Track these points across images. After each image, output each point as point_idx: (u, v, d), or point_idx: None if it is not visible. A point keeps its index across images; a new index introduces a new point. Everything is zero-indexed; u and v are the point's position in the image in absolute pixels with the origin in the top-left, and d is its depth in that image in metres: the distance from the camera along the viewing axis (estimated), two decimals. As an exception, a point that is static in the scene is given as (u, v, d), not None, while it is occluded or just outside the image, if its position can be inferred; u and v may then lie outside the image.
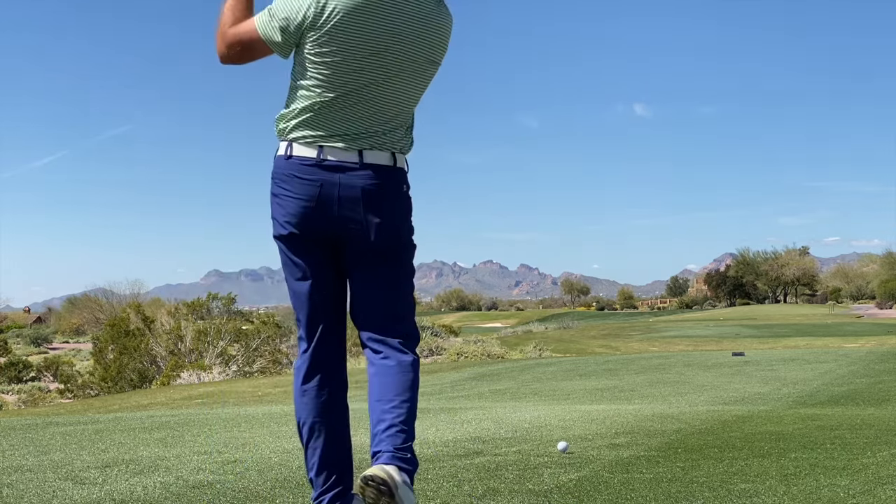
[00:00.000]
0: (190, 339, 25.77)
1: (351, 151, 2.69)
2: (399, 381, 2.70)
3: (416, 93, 2.77)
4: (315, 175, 2.68)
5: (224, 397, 13.65)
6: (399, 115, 2.75)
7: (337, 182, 2.67)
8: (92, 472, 4.22)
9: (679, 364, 14.81)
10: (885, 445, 4.43)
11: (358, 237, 2.70)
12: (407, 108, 2.76)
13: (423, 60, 2.73)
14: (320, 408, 2.78)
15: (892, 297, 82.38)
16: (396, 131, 2.75)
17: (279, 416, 7.67)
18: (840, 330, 44.97)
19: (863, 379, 11.01)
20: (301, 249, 2.76)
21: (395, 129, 2.75)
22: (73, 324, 75.90)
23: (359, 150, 2.69)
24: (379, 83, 2.67)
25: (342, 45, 2.63)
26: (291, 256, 2.78)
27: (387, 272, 2.77)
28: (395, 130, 2.75)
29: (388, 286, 2.78)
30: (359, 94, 2.67)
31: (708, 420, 6.20)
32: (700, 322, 62.12)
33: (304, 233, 2.73)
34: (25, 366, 40.04)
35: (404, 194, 2.78)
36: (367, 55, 2.64)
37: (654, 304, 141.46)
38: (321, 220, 2.69)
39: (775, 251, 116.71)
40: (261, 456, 4.70)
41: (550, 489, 3.43)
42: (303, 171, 2.69)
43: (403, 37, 2.66)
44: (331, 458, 2.76)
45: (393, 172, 2.73)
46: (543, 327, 62.53)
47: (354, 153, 2.69)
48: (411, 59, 2.69)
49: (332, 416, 2.79)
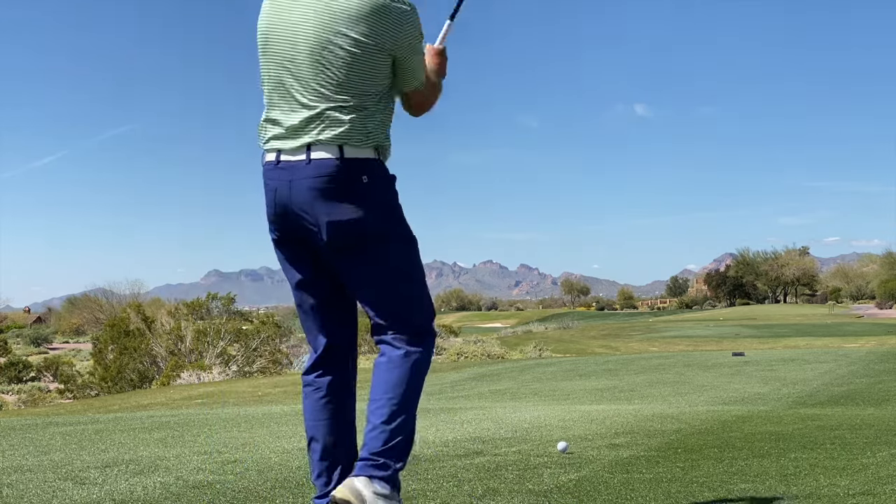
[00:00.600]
0: (190, 339, 25.78)
1: (300, 150, 2.65)
2: (385, 379, 2.67)
3: (347, 75, 2.62)
4: (272, 178, 2.68)
5: (224, 397, 13.65)
6: (334, 104, 2.63)
7: (288, 183, 2.64)
8: (92, 472, 4.22)
9: (679, 364, 14.81)
10: (885, 445, 4.43)
11: (318, 238, 2.65)
12: (343, 93, 2.63)
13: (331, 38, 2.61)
14: (320, 410, 2.77)
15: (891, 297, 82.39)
16: (341, 121, 2.62)
17: (279, 416, 7.67)
18: (840, 330, 44.98)
19: (863, 379, 11.02)
20: (287, 253, 2.76)
21: (339, 119, 2.62)
22: (73, 324, 75.93)
23: (307, 147, 2.64)
24: (300, 73, 2.65)
25: (264, 37, 2.72)
26: (282, 261, 2.80)
27: (364, 270, 2.68)
28: (339, 121, 2.62)
29: (369, 284, 2.70)
30: (288, 87, 2.67)
31: (708, 420, 6.20)
32: (700, 322, 62.14)
33: (282, 237, 2.73)
34: (25, 366, 40.07)
35: (365, 185, 2.63)
36: (280, 39, 2.68)
37: (654, 304, 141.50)
38: (287, 224, 2.68)
39: (775, 251, 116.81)
40: (261, 456, 4.70)
41: (550, 489, 3.43)
42: (267, 177, 2.70)
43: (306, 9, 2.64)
44: (330, 460, 2.74)
45: (343, 165, 2.62)
46: (543, 327, 62.56)
47: (303, 151, 2.64)
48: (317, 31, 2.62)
49: (332, 418, 2.77)
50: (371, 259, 2.66)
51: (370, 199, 2.64)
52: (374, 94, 2.67)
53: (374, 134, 2.68)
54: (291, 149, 2.65)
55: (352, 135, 2.64)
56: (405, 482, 3.65)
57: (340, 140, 2.62)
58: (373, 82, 2.66)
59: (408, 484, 3.61)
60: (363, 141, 2.66)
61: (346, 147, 2.63)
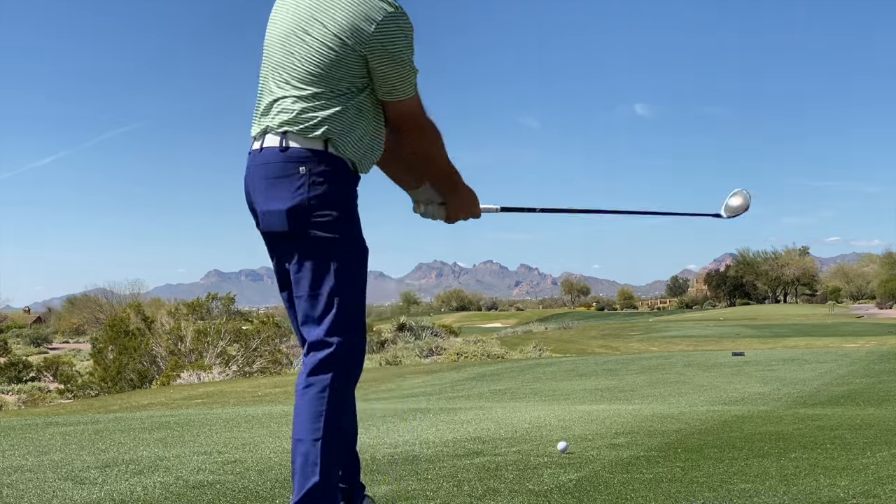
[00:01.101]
0: (190, 339, 25.77)
1: (259, 137, 2.67)
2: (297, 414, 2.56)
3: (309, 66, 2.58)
4: (247, 166, 2.71)
5: (224, 397, 13.65)
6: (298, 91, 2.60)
7: (247, 174, 2.69)
8: (92, 472, 4.22)
9: (679, 364, 14.80)
10: (885, 445, 4.43)
11: (263, 226, 2.68)
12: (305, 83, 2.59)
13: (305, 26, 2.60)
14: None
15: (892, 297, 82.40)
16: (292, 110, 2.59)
17: (279, 416, 7.66)
18: (840, 330, 44.97)
19: (863, 379, 11.01)
20: (267, 246, 2.75)
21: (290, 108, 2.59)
22: (73, 324, 75.92)
23: (262, 133, 2.65)
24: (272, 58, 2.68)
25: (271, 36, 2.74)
26: (269, 254, 2.77)
27: (297, 266, 2.61)
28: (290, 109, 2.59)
29: (297, 281, 2.62)
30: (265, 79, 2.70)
31: (708, 420, 6.20)
32: (700, 322, 62.11)
33: (258, 226, 2.73)
34: (25, 366, 40.06)
35: (301, 177, 2.54)
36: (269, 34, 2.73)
37: (654, 304, 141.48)
38: (253, 212, 2.71)
39: (775, 251, 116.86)
40: (261, 456, 4.70)
41: (550, 489, 3.43)
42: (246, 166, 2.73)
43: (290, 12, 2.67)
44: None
45: (283, 154, 2.57)
46: (543, 327, 62.50)
47: (260, 138, 2.66)
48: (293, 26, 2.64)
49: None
50: (306, 255, 2.58)
51: (312, 191, 2.54)
52: (341, 91, 2.58)
53: (333, 130, 2.58)
54: (254, 135, 2.69)
55: (300, 124, 2.58)
56: (406, 482, 3.66)
57: (290, 127, 2.59)
58: (339, 78, 2.57)
59: (408, 484, 3.61)
60: (311, 132, 2.57)
61: (293, 134, 2.58)
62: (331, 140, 2.58)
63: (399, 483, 3.66)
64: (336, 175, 2.58)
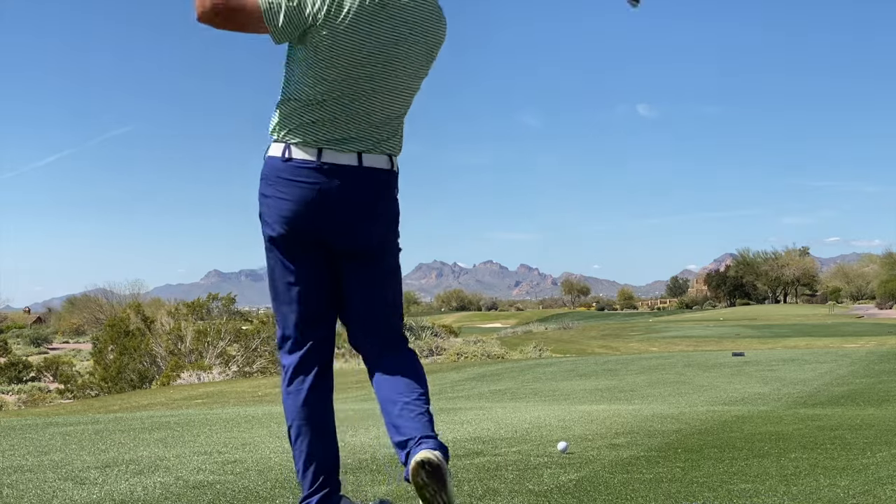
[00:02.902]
0: (190, 340, 25.76)
1: (350, 154, 2.64)
2: (417, 376, 2.75)
3: (412, 96, 2.76)
4: (313, 178, 2.61)
5: (224, 397, 13.65)
6: (397, 118, 2.74)
7: (335, 186, 2.61)
8: (92, 472, 4.22)
9: (679, 364, 14.80)
10: (885, 445, 4.43)
11: (352, 241, 2.69)
12: (403, 111, 2.76)
13: (421, 64, 2.72)
14: (307, 409, 2.75)
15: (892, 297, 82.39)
16: (394, 136, 2.74)
17: (279, 416, 7.66)
18: (840, 330, 44.96)
19: (863, 379, 11.01)
20: (295, 251, 2.70)
21: (392, 133, 2.73)
22: (73, 324, 75.90)
23: (358, 154, 2.65)
24: (382, 87, 2.64)
25: (350, 46, 2.57)
26: (283, 259, 2.73)
27: (381, 274, 2.78)
28: (393, 135, 2.74)
29: (385, 287, 2.80)
30: (362, 97, 2.62)
31: (708, 420, 6.20)
32: (700, 322, 62.10)
33: (299, 235, 2.67)
34: (25, 366, 40.04)
35: (395, 199, 2.77)
36: (373, 60, 2.60)
37: (654, 304, 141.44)
38: (316, 224, 2.64)
39: (775, 251, 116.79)
40: (261, 456, 4.69)
41: (550, 489, 3.43)
42: (301, 175, 2.61)
43: (408, 40, 2.63)
44: (317, 459, 2.74)
45: (389, 177, 2.72)
46: (543, 327, 62.50)
47: (354, 156, 2.64)
48: (412, 62, 2.68)
49: (318, 417, 2.76)
50: (390, 266, 2.81)
51: (398, 210, 2.79)
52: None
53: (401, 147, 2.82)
54: (342, 151, 2.64)
55: (397, 148, 2.77)
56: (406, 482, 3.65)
57: (391, 151, 2.74)
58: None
59: (408, 484, 3.60)
60: (398, 153, 2.79)
61: (394, 158, 2.75)
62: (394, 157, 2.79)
63: (399, 483, 3.66)
64: None
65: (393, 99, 2.69)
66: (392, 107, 2.69)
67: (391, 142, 2.73)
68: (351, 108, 2.62)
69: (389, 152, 2.72)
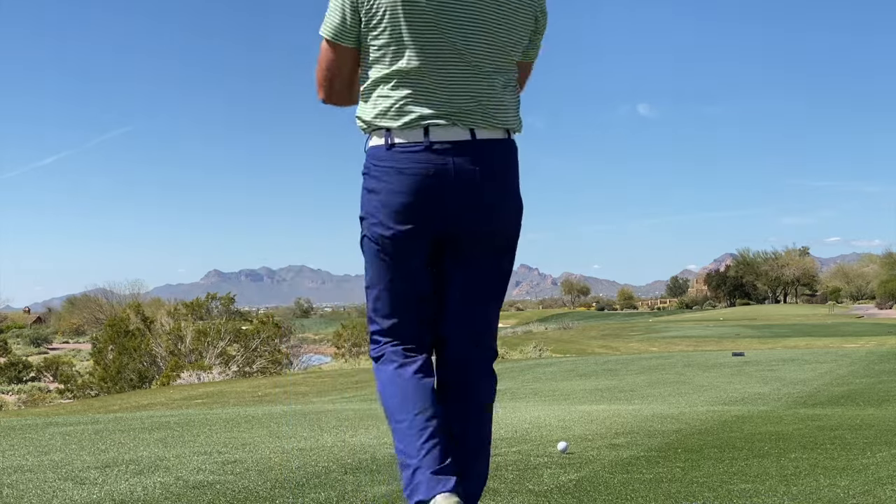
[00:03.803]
0: (190, 340, 25.78)
1: (460, 129, 2.31)
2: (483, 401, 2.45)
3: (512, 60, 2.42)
4: (423, 162, 2.28)
5: (224, 397, 13.65)
6: (503, 86, 2.40)
7: (450, 167, 2.28)
8: (92, 472, 4.22)
9: (679, 364, 14.81)
10: (885, 445, 4.43)
11: (474, 230, 2.34)
12: (507, 78, 2.42)
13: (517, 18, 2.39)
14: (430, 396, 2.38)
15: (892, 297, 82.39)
16: (506, 108, 2.40)
17: (279, 416, 7.66)
18: (840, 330, 44.95)
19: (863, 379, 11.01)
20: (404, 250, 2.35)
21: (501, 104, 2.38)
22: (72, 324, 75.91)
23: (470, 129, 2.32)
24: (475, 47, 2.33)
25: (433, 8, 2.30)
26: (388, 258, 2.37)
27: (493, 273, 2.43)
28: (505, 106, 2.39)
29: (491, 288, 2.46)
30: (456, 60, 2.32)
31: (708, 420, 6.20)
32: (700, 322, 62.09)
33: (411, 231, 2.32)
34: (25, 366, 40.04)
35: (518, 175, 2.42)
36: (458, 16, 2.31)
37: (654, 304, 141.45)
38: (432, 214, 2.30)
39: (775, 251, 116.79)
40: (261, 456, 4.69)
41: (550, 489, 3.42)
42: (409, 160, 2.29)
43: None
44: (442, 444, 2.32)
45: (509, 149, 2.38)
46: (543, 327, 62.53)
47: (466, 131, 2.31)
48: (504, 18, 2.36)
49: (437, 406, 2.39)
50: (508, 262, 2.46)
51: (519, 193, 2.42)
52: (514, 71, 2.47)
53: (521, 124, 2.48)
54: (450, 126, 2.31)
55: (515, 123, 2.42)
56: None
57: (507, 124, 2.39)
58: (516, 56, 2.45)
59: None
60: (519, 129, 2.45)
61: (512, 133, 2.42)
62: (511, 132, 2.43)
63: (399, 483, 3.65)
64: None
65: (491, 60, 2.36)
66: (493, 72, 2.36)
67: (505, 115, 2.38)
68: (448, 77, 2.32)
69: (505, 126, 2.37)
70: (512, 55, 2.41)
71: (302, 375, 21.35)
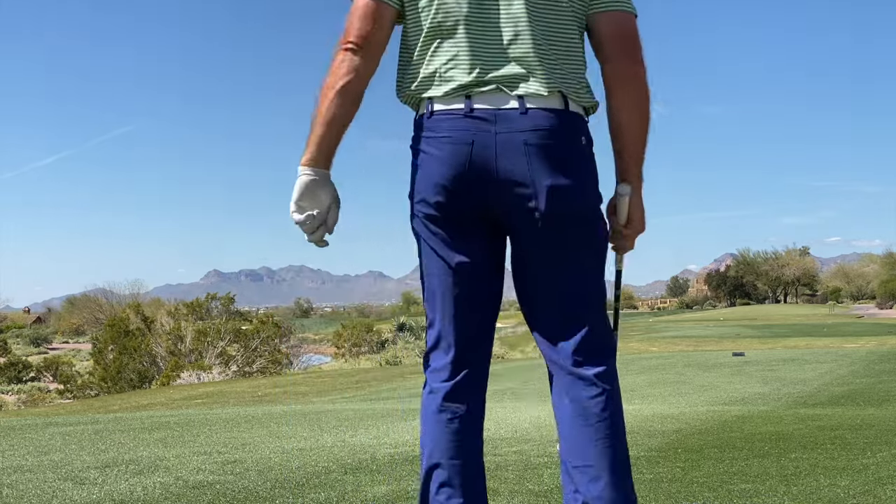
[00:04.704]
0: (190, 340, 25.78)
1: (507, 95, 2.06)
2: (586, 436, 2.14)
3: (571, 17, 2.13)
4: (464, 128, 2.05)
5: (224, 397, 13.65)
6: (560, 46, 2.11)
7: (493, 134, 2.04)
8: (92, 472, 4.22)
9: (679, 364, 14.80)
10: (886, 445, 4.43)
11: (525, 205, 2.06)
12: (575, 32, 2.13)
13: None
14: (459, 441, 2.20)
15: (892, 297, 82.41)
16: (564, 69, 2.10)
17: (279, 416, 7.66)
18: (840, 330, 44.94)
19: (863, 379, 11.01)
20: (452, 231, 2.12)
21: (561, 66, 2.10)
22: (72, 324, 75.90)
23: (518, 96, 2.05)
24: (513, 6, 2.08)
25: None
26: (435, 243, 2.15)
27: (565, 253, 2.11)
28: (562, 68, 2.10)
29: (566, 271, 2.13)
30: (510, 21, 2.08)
31: (708, 420, 6.20)
32: (700, 322, 62.07)
33: (457, 207, 2.09)
34: (25, 366, 40.05)
35: (584, 147, 2.10)
36: None
37: (655, 304, 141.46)
38: (477, 187, 2.06)
39: (775, 251, 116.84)
40: (261, 456, 4.69)
41: (550, 489, 3.42)
42: (449, 128, 2.07)
43: None
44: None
45: (566, 118, 2.07)
46: (544, 327, 62.31)
47: (513, 98, 2.06)
48: None
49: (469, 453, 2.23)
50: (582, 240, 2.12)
51: (591, 164, 2.13)
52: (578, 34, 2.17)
53: (590, 92, 2.17)
54: (495, 92, 2.07)
55: (574, 87, 2.12)
56: (406, 482, 3.65)
57: (563, 88, 2.09)
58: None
59: (408, 484, 3.61)
60: (582, 96, 2.13)
61: (570, 99, 2.10)
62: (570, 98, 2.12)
63: (399, 483, 3.65)
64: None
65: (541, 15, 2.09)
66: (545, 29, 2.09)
67: (564, 80, 2.09)
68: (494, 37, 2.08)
69: (561, 90, 2.07)
70: (575, 4, 2.11)
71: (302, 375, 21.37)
